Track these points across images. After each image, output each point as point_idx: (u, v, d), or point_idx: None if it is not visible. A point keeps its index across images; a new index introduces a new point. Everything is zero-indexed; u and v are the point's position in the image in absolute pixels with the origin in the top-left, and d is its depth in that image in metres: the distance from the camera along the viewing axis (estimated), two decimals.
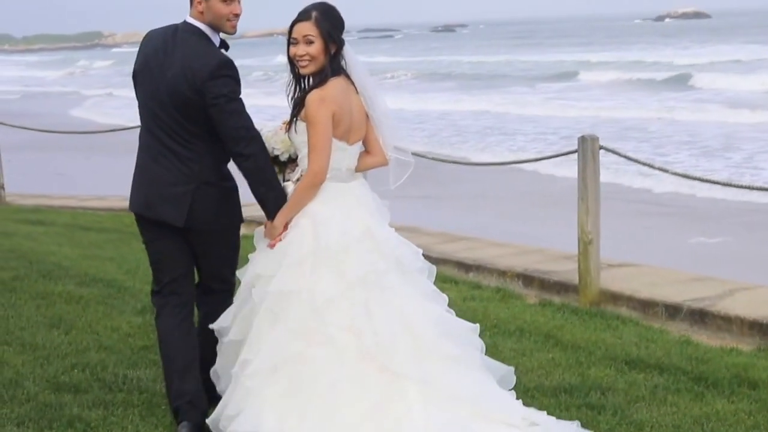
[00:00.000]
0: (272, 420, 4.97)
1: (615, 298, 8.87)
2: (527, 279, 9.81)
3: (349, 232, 5.18)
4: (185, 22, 5.60)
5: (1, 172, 16.40)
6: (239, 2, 5.54)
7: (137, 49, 5.83)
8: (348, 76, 5.35)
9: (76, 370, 6.73)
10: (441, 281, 9.71)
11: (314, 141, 5.20)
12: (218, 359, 5.59)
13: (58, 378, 6.59)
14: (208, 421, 5.43)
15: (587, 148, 8.62)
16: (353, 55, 5.39)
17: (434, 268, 5.60)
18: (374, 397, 5.00)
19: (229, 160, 5.57)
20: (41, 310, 8.40)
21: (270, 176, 5.43)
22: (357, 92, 5.36)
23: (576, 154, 8.83)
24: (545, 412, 5.53)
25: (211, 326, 5.57)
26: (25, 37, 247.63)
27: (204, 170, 5.52)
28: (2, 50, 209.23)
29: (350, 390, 4.99)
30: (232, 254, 5.83)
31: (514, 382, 5.72)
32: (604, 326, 8.03)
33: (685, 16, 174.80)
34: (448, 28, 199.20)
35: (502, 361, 6.96)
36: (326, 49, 5.25)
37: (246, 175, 5.43)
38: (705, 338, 7.92)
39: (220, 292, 5.83)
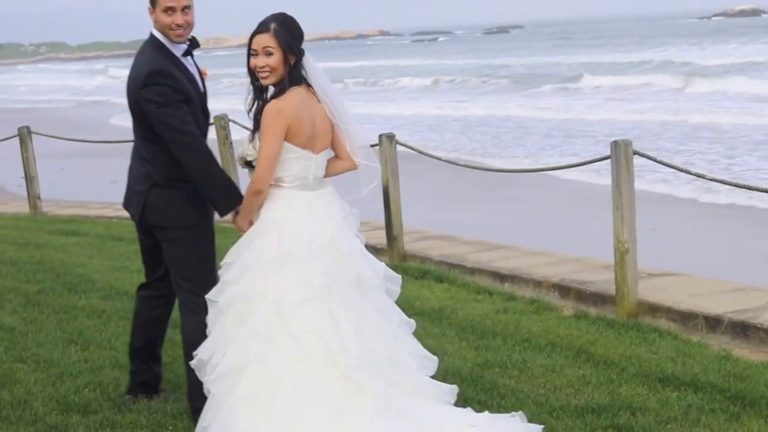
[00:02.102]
0: (239, 425, 5.02)
1: (654, 309, 8.51)
2: (563, 290, 9.49)
3: (315, 241, 5.24)
4: (150, 33, 5.92)
5: (37, 183, 16.37)
6: (183, 13, 5.80)
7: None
8: (309, 86, 5.38)
9: (87, 390, 6.59)
10: (475, 292, 9.53)
11: (262, 150, 5.28)
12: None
13: (68, 398, 6.45)
14: None
15: (620, 154, 8.26)
16: (314, 65, 5.44)
17: (398, 277, 5.64)
18: (337, 404, 5.06)
19: None
20: (62, 325, 8.29)
21: (210, 177, 5.70)
22: (318, 101, 5.40)
23: (609, 160, 8.48)
24: (487, 412, 5.51)
25: (193, 364, 5.54)
26: (80, 45, 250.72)
27: (157, 172, 5.84)
28: (57, 58, 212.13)
29: (315, 394, 5.04)
30: (190, 258, 5.91)
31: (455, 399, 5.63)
32: (640, 340, 7.69)
33: (742, 13, 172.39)
34: (503, 30, 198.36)
35: (530, 378, 6.76)
36: (285, 59, 5.31)
37: (188, 177, 5.73)
38: (747, 352, 7.54)
39: (182, 301, 5.97)
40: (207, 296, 5.40)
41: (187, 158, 5.67)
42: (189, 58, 5.96)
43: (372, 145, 10.86)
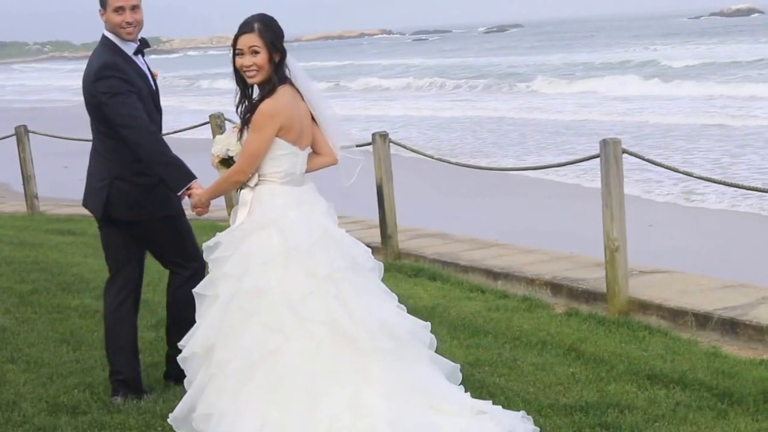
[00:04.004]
0: (253, 417, 5.04)
1: (644, 306, 8.53)
2: (555, 287, 9.51)
3: (314, 233, 5.33)
4: (102, 34, 6.26)
5: (35, 182, 16.38)
6: (133, 12, 6.17)
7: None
8: (292, 84, 5.47)
9: (77, 390, 6.60)
10: (468, 290, 9.53)
11: (251, 146, 5.36)
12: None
13: (57, 399, 6.46)
14: (170, 418, 5.50)
15: (609, 152, 8.28)
16: (295, 64, 5.53)
17: (381, 265, 5.70)
18: (351, 388, 5.11)
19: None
20: (54, 325, 8.30)
21: (162, 157, 5.99)
22: (302, 99, 5.49)
23: (599, 158, 8.49)
24: (491, 402, 5.61)
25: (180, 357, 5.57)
26: (84, 44, 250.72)
27: (116, 167, 6.17)
28: (62, 57, 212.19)
29: (329, 381, 5.09)
30: (168, 242, 6.38)
31: (461, 379, 5.69)
32: (631, 337, 7.71)
33: (738, 12, 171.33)
34: (502, 29, 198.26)
35: (520, 376, 6.76)
36: (271, 58, 5.39)
37: (142, 160, 6.02)
38: (736, 349, 7.57)
39: (178, 274, 6.48)
40: (195, 290, 5.48)
41: (139, 140, 5.98)
42: (140, 56, 6.32)
43: (366, 144, 10.87)
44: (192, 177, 5.99)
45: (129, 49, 6.22)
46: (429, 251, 11.30)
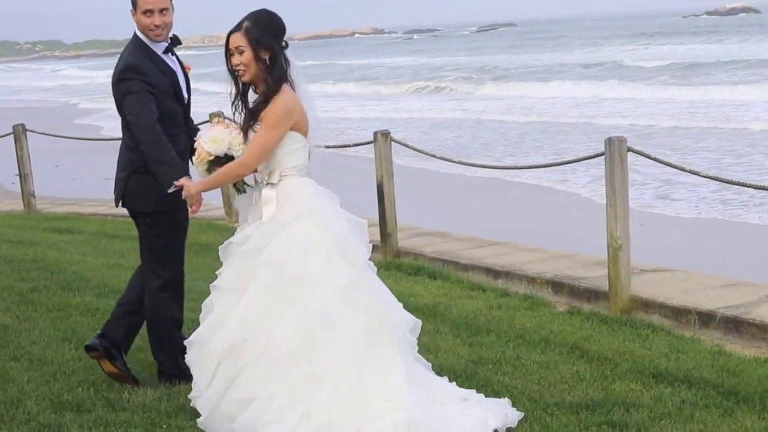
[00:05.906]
0: (302, 400, 5.14)
1: (647, 305, 8.53)
2: (557, 286, 9.50)
3: (348, 222, 5.49)
4: (134, 32, 6.44)
5: (32, 180, 16.34)
6: (161, 15, 6.32)
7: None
8: (289, 82, 5.55)
9: (80, 388, 6.57)
10: (468, 289, 9.53)
11: (263, 140, 5.44)
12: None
13: (61, 396, 6.42)
14: (199, 404, 5.55)
15: (614, 150, 8.26)
16: (294, 61, 5.60)
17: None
18: (386, 371, 5.27)
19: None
20: (56, 323, 8.26)
21: (160, 155, 6.12)
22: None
23: (603, 156, 8.48)
24: (474, 390, 5.92)
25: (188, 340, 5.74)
26: (75, 43, 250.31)
27: (138, 159, 6.30)
28: (53, 56, 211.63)
29: (372, 365, 5.25)
30: (157, 242, 6.46)
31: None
32: (634, 336, 7.70)
33: (733, 11, 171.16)
34: (494, 27, 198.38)
35: (524, 374, 6.76)
36: (256, 56, 5.44)
37: (143, 155, 6.19)
38: (739, 347, 7.57)
39: (145, 279, 6.58)
40: (215, 284, 5.55)
41: (143, 137, 6.17)
42: (170, 54, 6.48)
43: (366, 143, 10.83)
44: (183, 173, 6.05)
45: (159, 48, 6.40)
46: (428, 249, 11.30)
